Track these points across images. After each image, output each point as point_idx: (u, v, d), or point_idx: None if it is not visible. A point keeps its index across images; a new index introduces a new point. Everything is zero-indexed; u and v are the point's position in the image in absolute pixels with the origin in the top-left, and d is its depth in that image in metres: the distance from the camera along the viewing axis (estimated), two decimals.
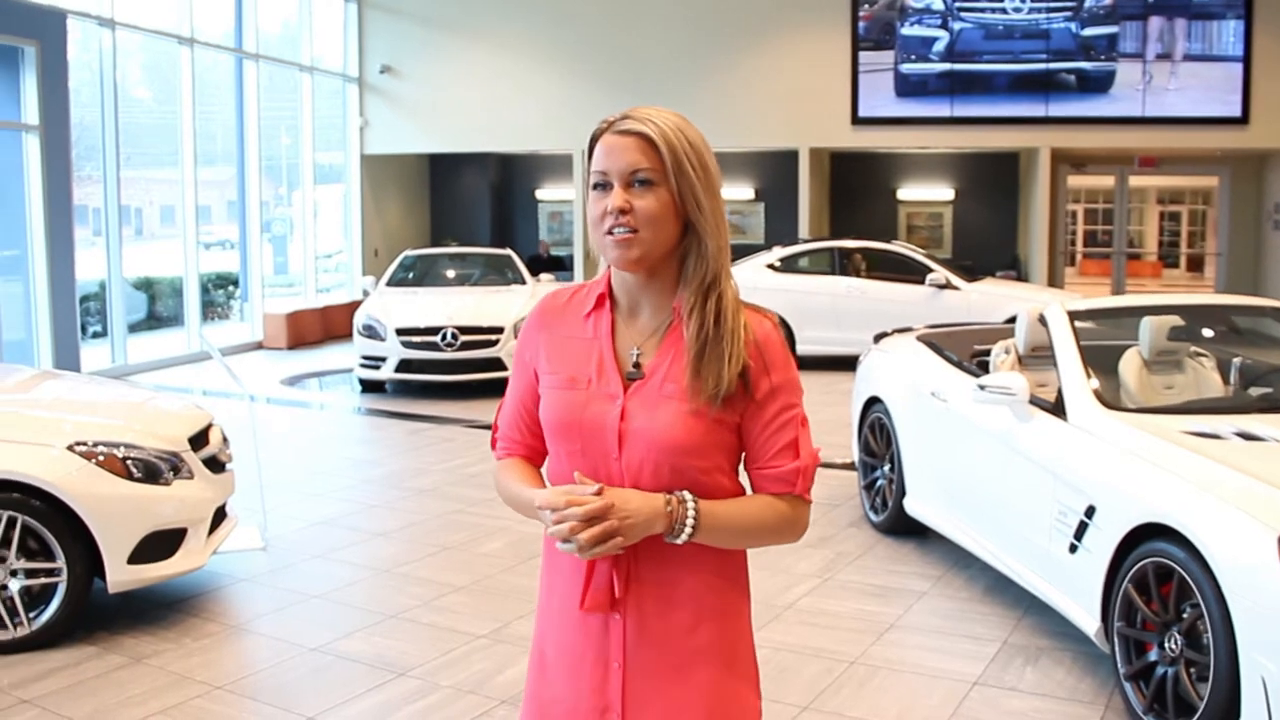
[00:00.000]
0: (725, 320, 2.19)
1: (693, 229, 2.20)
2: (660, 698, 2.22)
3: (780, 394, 2.24)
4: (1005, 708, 4.68)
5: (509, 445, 2.40)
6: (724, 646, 2.27)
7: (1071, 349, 5.55)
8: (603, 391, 2.22)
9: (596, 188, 2.20)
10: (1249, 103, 17.25)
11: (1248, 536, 3.99)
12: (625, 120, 2.21)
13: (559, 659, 2.29)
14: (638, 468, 2.18)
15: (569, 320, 2.32)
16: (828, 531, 7.15)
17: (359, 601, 5.99)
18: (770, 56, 18.36)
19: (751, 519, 2.23)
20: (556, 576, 2.30)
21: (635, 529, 2.10)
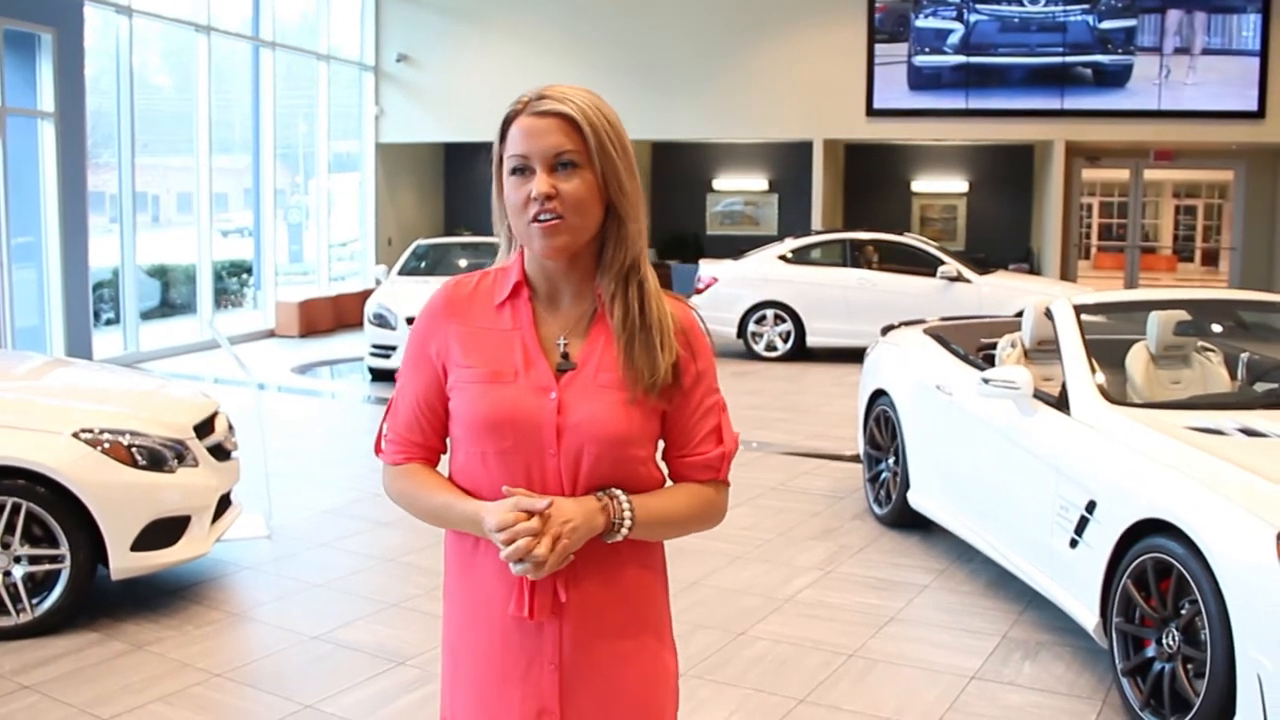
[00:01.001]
0: (650, 308, 2.16)
1: (614, 212, 2.15)
2: (596, 695, 2.21)
3: (704, 380, 2.23)
4: (1003, 702, 4.68)
5: (407, 449, 2.27)
6: (652, 641, 2.29)
7: (1076, 343, 5.54)
8: (533, 384, 2.14)
9: (515, 173, 2.13)
10: (1265, 96, 17.14)
11: (1246, 533, 3.98)
12: (544, 100, 2.13)
13: (487, 664, 2.22)
14: (576, 461, 2.13)
15: (480, 310, 2.22)
16: (832, 524, 7.15)
17: (362, 590, 6.00)
18: (785, 48, 18.31)
19: (682, 509, 2.23)
20: (475, 582, 2.22)
21: (577, 535, 2.07)
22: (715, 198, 21.68)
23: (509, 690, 2.21)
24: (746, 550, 6.62)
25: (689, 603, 5.77)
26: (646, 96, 18.58)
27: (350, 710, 4.59)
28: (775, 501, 7.69)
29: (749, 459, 9.06)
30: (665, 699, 2.33)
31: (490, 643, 2.22)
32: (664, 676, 2.33)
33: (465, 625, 2.26)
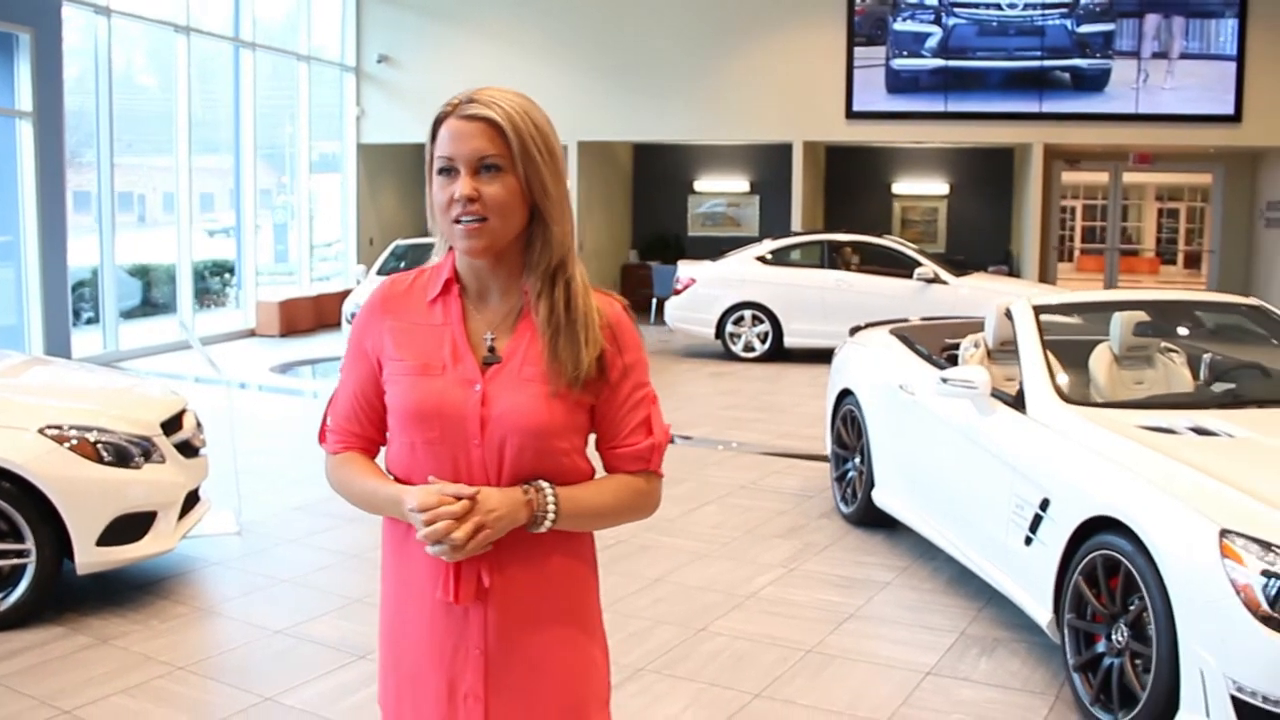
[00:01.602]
0: (577, 305, 2.21)
1: (539, 215, 2.20)
2: (521, 680, 2.26)
3: (632, 374, 2.28)
4: (956, 697, 4.74)
5: (345, 438, 2.35)
6: (579, 626, 2.33)
7: (1034, 343, 5.60)
8: (460, 377, 2.20)
9: (442, 173, 2.18)
10: (1241, 100, 17.26)
11: (1190, 530, 4.05)
12: (471, 104, 2.17)
13: (417, 648, 2.29)
14: (500, 451, 2.18)
15: (413, 306, 2.29)
16: (798, 522, 7.21)
17: (327, 586, 6.05)
18: (765, 50, 18.38)
19: (610, 500, 2.28)
20: (407, 568, 2.28)
21: (501, 524, 2.12)
22: (697, 199, 21.75)
23: (437, 673, 2.27)
24: (712, 548, 6.68)
25: (651, 599, 5.82)
26: (627, 98, 18.65)
27: (310, 702, 4.64)
28: (744, 500, 7.75)
29: (720, 458, 9.13)
30: (591, 689, 2.37)
31: (419, 627, 2.28)
32: (591, 667, 2.37)
33: (396, 609, 2.34)
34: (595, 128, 18.94)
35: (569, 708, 2.32)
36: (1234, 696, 3.78)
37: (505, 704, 2.26)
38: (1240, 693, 3.76)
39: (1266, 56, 17.13)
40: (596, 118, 18.80)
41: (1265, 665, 3.71)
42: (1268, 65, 17.12)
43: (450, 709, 2.27)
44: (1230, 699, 3.79)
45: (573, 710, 2.33)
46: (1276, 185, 18.72)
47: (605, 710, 2.43)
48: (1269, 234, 19.02)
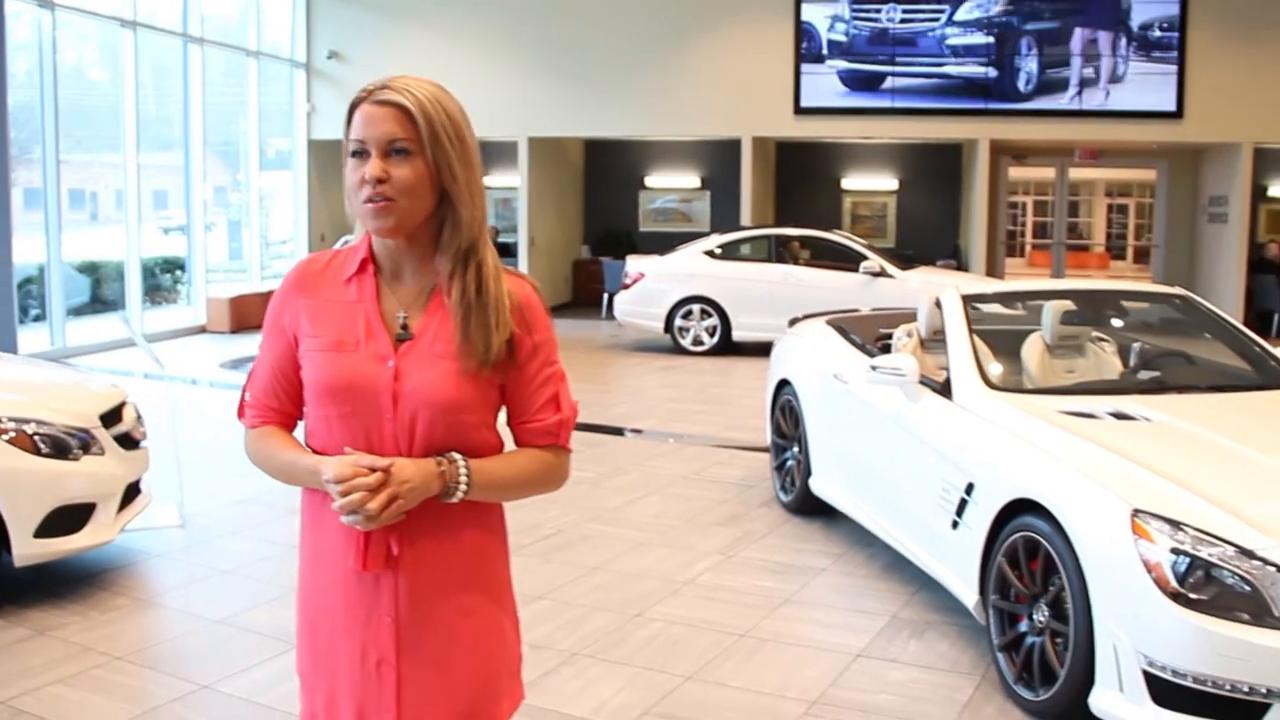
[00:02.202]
0: (488, 287, 2.28)
1: (448, 198, 2.27)
2: (432, 648, 2.34)
3: (541, 352, 2.37)
4: (885, 678, 4.83)
5: (264, 413, 2.41)
6: (489, 596, 2.42)
7: (962, 331, 5.71)
8: (373, 353, 2.28)
9: (355, 155, 2.26)
10: (1183, 98, 17.51)
11: (1104, 511, 4.16)
12: (384, 90, 2.25)
13: (332, 616, 2.36)
14: (411, 425, 2.26)
15: (330, 284, 2.36)
16: (738, 511, 7.30)
17: (268, 576, 6.08)
18: (714, 45, 18.47)
19: (520, 472, 2.38)
20: (323, 537, 2.36)
21: (414, 494, 2.20)
22: (648, 195, 21.82)
23: (350, 641, 2.34)
24: (652, 537, 6.76)
25: (589, 586, 5.89)
26: (577, 94, 18.69)
27: (246, 690, 4.68)
28: (686, 490, 7.84)
29: (665, 450, 9.21)
30: (502, 658, 2.46)
31: (333, 595, 2.36)
32: (501, 637, 2.45)
33: (313, 578, 2.41)
34: (545, 123, 18.99)
35: (480, 676, 2.40)
36: (1146, 671, 3.89)
37: (417, 671, 2.34)
38: (1151, 667, 3.88)
39: (1207, 54, 17.38)
40: (546, 113, 18.85)
41: (1174, 640, 3.82)
42: (1208, 63, 17.37)
43: (364, 675, 2.34)
44: (1142, 674, 3.90)
45: (484, 678, 2.40)
46: (1218, 181, 18.98)
47: (516, 679, 2.51)
48: (1211, 228, 19.28)
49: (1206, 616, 3.78)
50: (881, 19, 18.07)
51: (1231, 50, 17.35)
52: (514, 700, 2.50)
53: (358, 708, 2.36)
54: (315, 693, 2.43)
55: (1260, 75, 17.22)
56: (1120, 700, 3.99)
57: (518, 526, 7.11)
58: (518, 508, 7.18)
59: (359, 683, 2.35)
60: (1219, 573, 3.83)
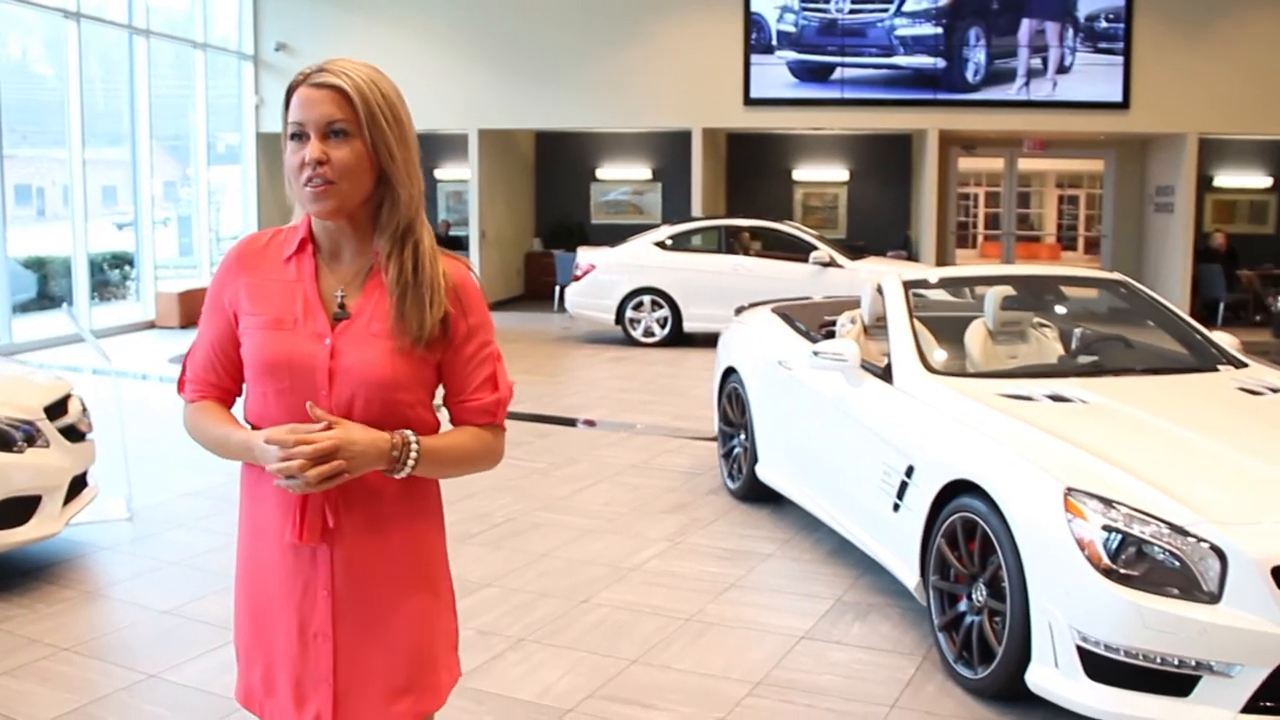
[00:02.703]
0: (424, 268, 2.33)
1: (386, 179, 2.32)
2: (368, 621, 2.38)
3: (477, 333, 2.42)
4: (828, 659, 4.90)
5: (202, 388, 2.45)
6: (425, 572, 2.46)
7: (902, 316, 5.79)
8: (310, 331, 2.32)
9: (294, 138, 2.29)
10: (1129, 88, 17.71)
11: (1038, 489, 4.24)
12: (321, 73, 2.29)
13: (269, 589, 2.40)
14: (347, 403, 2.30)
15: (269, 263, 2.40)
16: (685, 499, 7.36)
17: (216, 567, 6.07)
18: (664, 37, 18.51)
19: (462, 450, 2.42)
20: (260, 511, 2.40)
21: (360, 464, 2.23)
22: (600, 187, 21.84)
23: (287, 613, 2.39)
24: (600, 524, 6.80)
25: (536, 573, 5.93)
26: (527, 86, 18.67)
27: (193, 678, 4.69)
28: (635, 479, 7.88)
29: (615, 440, 9.26)
30: (439, 632, 2.50)
31: (271, 568, 2.40)
32: (437, 611, 2.50)
33: (250, 552, 2.45)
34: (495, 115, 18.97)
35: (417, 649, 2.44)
36: (1079, 646, 3.97)
37: (353, 643, 2.38)
38: (1085, 642, 3.95)
39: (1152, 45, 17.59)
40: (496, 105, 18.83)
41: (1107, 615, 3.90)
42: (1154, 54, 17.58)
43: (300, 647, 2.38)
44: (1076, 649, 3.98)
45: (421, 652, 2.45)
46: (1164, 171, 19.20)
47: (454, 654, 2.56)
48: (1158, 218, 19.51)
49: (1138, 592, 3.86)
50: (830, 10, 18.16)
51: (1176, 42, 17.58)
52: (452, 675, 2.55)
53: (294, 680, 2.40)
54: (252, 666, 2.47)
55: (1205, 66, 17.45)
56: (1055, 675, 4.07)
57: (467, 515, 7.17)
58: (469, 496, 7.24)
59: (296, 655, 2.39)
60: (1150, 549, 3.92)
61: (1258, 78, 17.33)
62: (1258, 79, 17.33)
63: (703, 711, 4.38)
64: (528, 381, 11.81)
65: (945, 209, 20.01)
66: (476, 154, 19.13)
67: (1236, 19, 17.50)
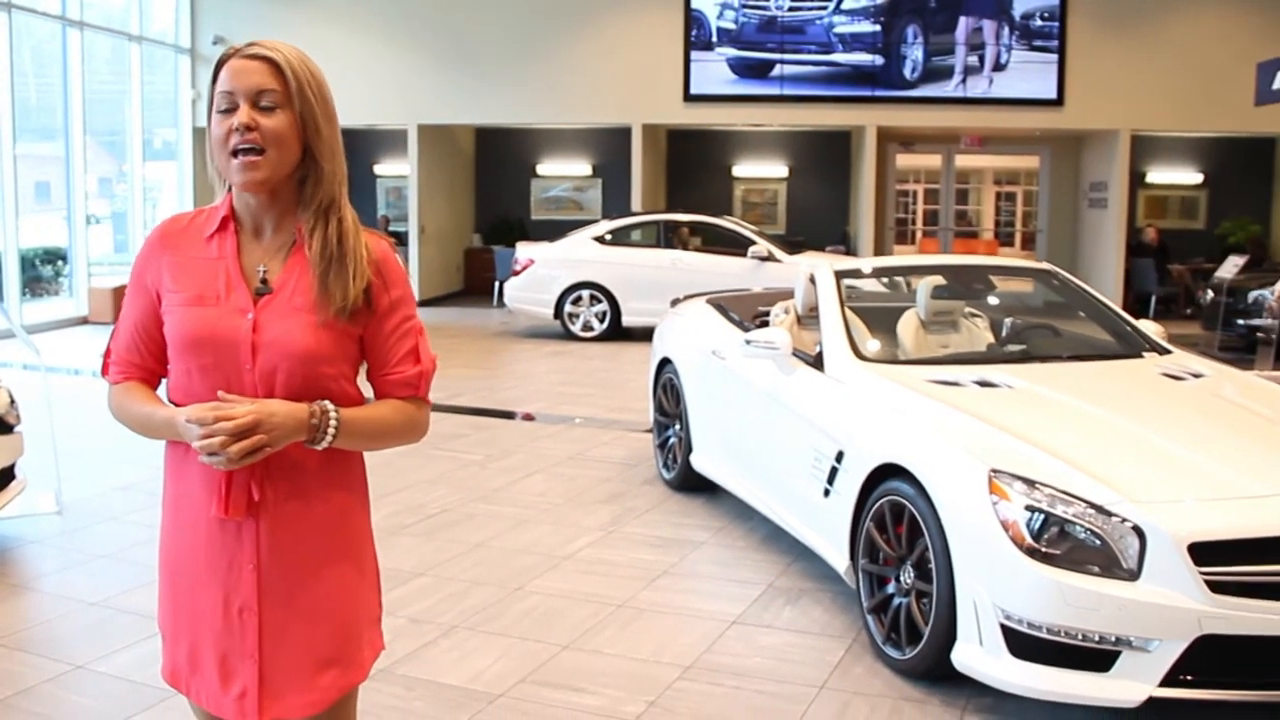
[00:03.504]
0: (347, 240, 2.35)
1: (311, 154, 2.35)
2: (293, 596, 2.39)
3: (400, 307, 2.44)
4: (759, 643, 4.93)
5: (126, 369, 2.46)
6: (348, 546, 2.48)
7: (834, 305, 5.84)
8: (233, 307, 2.33)
9: (222, 111, 2.31)
10: (1064, 85, 17.93)
11: (963, 471, 4.30)
12: (253, 46, 2.33)
13: (194, 565, 2.41)
14: (270, 377, 2.31)
15: (191, 242, 2.41)
16: (620, 489, 7.37)
17: (146, 560, 6.00)
18: (604, 33, 18.53)
19: (384, 422, 2.43)
20: (184, 487, 2.41)
21: (280, 437, 2.24)
22: (540, 183, 21.81)
23: (212, 589, 2.39)
24: (534, 515, 6.81)
25: (470, 563, 5.92)
26: (467, 82, 18.63)
27: (121, 669, 4.65)
28: (570, 470, 7.89)
29: (552, 431, 9.26)
30: (362, 607, 2.52)
31: (195, 544, 2.41)
32: (361, 586, 2.52)
33: (173, 529, 2.46)
34: (434, 111, 18.91)
35: (342, 623, 2.45)
36: (1003, 625, 4.03)
37: (278, 617, 2.39)
38: (1008, 620, 4.01)
39: (1086, 44, 17.82)
40: (436, 100, 18.77)
41: (1029, 594, 3.95)
42: (1087, 52, 17.81)
43: (226, 623, 2.39)
44: (1000, 627, 4.04)
45: (345, 626, 2.46)
46: (1098, 167, 19.46)
47: (377, 628, 2.58)
48: (1092, 213, 19.76)
49: (1060, 570, 3.92)
50: (770, 7, 18.25)
51: (1109, 40, 17.82)
52: (374, 649, 2.56)
53: (220, 655, 2.40)
54: (177, 644, 2.48)
55: (1137, 64, 17.70)
56: (980, 654, 4.13)
57: (402, 507, 7.15)
58: (405, 488, 7.23)
59: (221, 630, 2.39)
60: (1072, 528, 3.98)
61: (1189, 75, 17.60)
62: (1189, 76, 17.60)
63: (633, 695, 4.40)
64: (466, 376, 11.81)
65: (883, 205, 20.17)
66: (416, 149, 19.06)
67: (1168, 17, 17.77)
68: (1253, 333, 13.01)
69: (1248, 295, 13.75)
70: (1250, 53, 15.90)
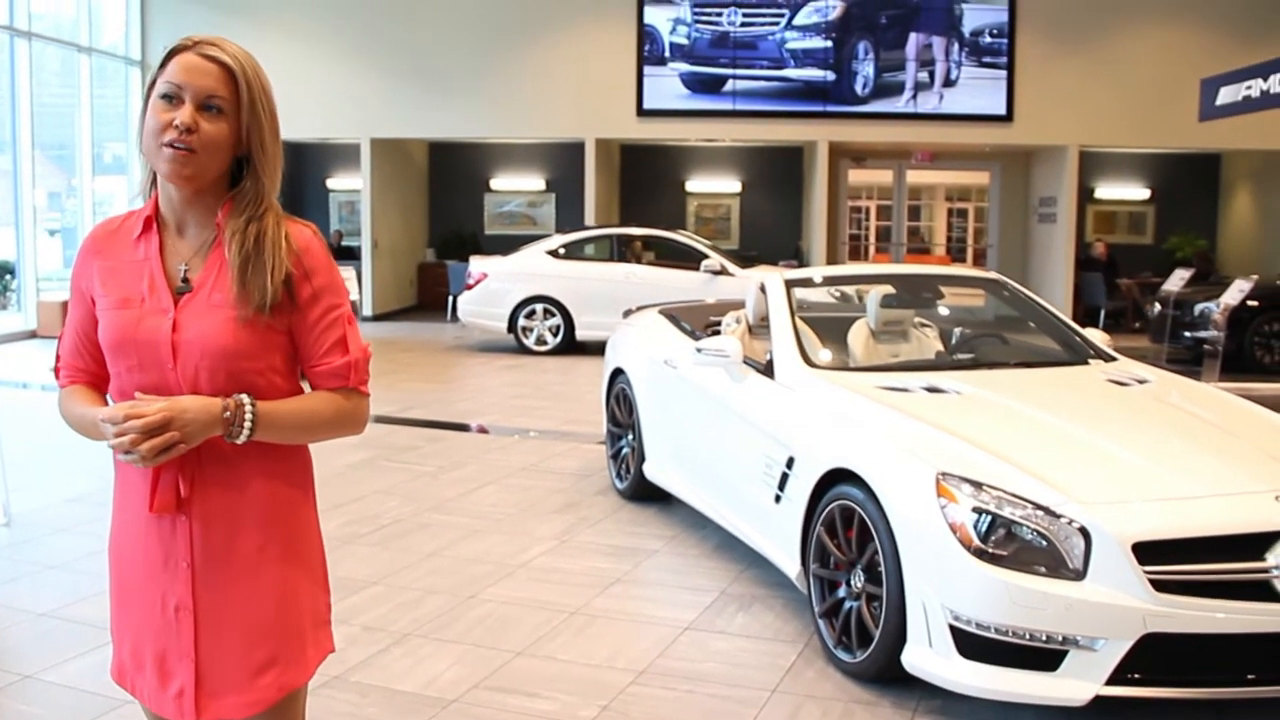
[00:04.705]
0: (265, 235, 2.34)
1: (251, 166, 2.36)
2: (230, 594, 2.38)
3: (324, 296, 2.42)
4: (711, 648, 4.95)
5: (72, 373, 2.49)
6: (290, 544, 2.46)
7: (784, 313, 5.89)
8: (155, 307, 2.33)
9: (165, 98, 2.29)
10: (1013, 101, 18.14)
11: (911, 475, 4.34)
12: (211, 46, 2.31)
13: (134, 563, 2.42)
14: (194, 375, 2.31)
15: (120, 246, 2.42)
16: (574, 499, 7.39)
17: (96, 570, 5.95)
18: (557, 48, 18.58)
19: (311, 414, 2.42)
20: (127, 485, 2.42)
21: (193, 432, 2.23)
22: (494, 198, 21.82)
23: (151, 587, 2.39)
24: (488, 524, 6.81)
25: (423, 571, 5.92)
26: (420, 96, 18.63)
27: (71, 678, 4.61)
28: (524, 480, 7.90)
29: (505, 444, 9.27)
30: (307, 608, 2.50)
31: (135, 542, 2.41)
32: (303, 586, 2.49)
33: (119, 526, 2.47)
34: (388, 125, 18.90)
35: (282, 624, 2.43)
36: (952, 625, 4.07)
37: (215, 615, 2.38)
38: (957, 621, 4.06)
39: (1035, 61, 18.04)
40: (389, 115, 18.75)
41: (977, 594, 4.00)
42: (1036, 69, 18.03)
43: (164, 621, 2.38)
44: (949, 628, 4.08)
45: (285, 626, 2.44)
46: (1047, 182, 19.68)
47: (324, 629, 2.56)
48: (1041, 228, 19.98)
49: (1007, 571, 3.97)
50: (722, 22, 18.37)
51: (1058, 57, 18.04)
52: (321, 650, 2.54)
53: (159, 654, 2.40)
54: (123, 642, 2.47)
55: (1085, 81, 17.94)
56: (930, 655, 4.17)
57: (355, 517, 7.13)
58: (358, 499, 7.22)
59: (159, 629, 2.39)
60: (1019, 529, 4.03)
61: (1136, 92, 17.84)
62: (1136, 94, 17.84)
63: (586, 700, 4.41)
64: (420, 389, 11.80)
65: (836, 220, 20.31)
66: (369, 164, 19.03)
67: (1116, 35, 18.01)
68: (1199, 345, 13.21)
69: (1194, 308, 13.95)
70: (1195, 69, 16.13)
